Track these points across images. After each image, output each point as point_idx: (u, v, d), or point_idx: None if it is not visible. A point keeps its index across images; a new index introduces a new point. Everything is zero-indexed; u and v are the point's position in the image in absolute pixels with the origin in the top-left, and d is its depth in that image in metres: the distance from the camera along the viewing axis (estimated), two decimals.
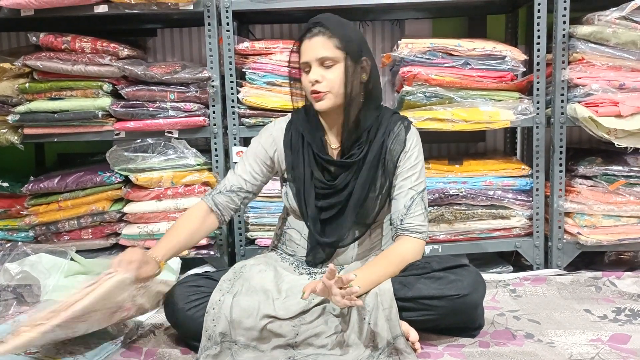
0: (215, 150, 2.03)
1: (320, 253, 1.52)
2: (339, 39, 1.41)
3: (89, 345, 1.39)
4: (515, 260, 2.12)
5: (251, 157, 1.56)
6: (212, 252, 2.06)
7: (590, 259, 2.08)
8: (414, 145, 1.49)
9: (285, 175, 1.54)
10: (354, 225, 1.49)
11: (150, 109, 1.98)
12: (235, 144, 2.02)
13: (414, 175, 1.48)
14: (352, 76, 1.42)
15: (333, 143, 1.52)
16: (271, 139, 1.56)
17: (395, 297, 1.35)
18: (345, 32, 1.42)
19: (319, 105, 1.44)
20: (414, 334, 1.35)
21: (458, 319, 1.41)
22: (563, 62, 1.94)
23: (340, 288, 1.26)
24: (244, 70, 2.02)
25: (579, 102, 1.92)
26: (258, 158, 1.55)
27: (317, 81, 1.41)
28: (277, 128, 1.57)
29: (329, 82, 1.41)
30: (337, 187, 1.48)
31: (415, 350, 1.34)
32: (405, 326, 1.36)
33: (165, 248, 1.44)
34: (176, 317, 1.41)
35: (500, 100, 1.98)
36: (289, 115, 1.59)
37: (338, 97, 1.43)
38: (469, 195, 2.00)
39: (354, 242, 1.52)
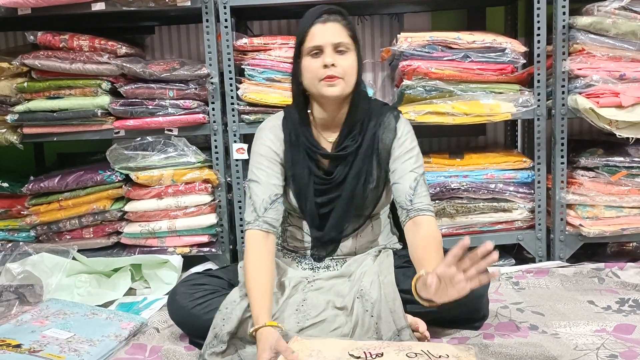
0: (216, 147, 2.03)
1: (323, 247, 1.51)
2: (351, 28, 1.41)
3: (94, 342, 1.39)
4: (517, 253, 2.12)
5: (265, 161, 1.47)
6: (213, 249, 2.06)
7: (592, 251, 2.08)
8: (405, 132, 1.47)
9: (286, 173, 1.51)
10: (352, 217, 1.48)
11: (150, 107, 1.98)
12: (235, 141, 2.01)
13: (412, 159, 1.44)
14: (359, 66, 1.43)
15: (328, 137, 1.50)
16: (272, 135, 1.50)
17: (399, 289, 1.35)
18: (352, 22, 1.43)
19: (331, 91, 1.38)
20: (422, 325, 1.34)
21: (463, 310, 1.41)
22: (563, 54, 1.94)
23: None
24: (242, 66, 2.01)
25: (580, 93, 1.91)
26: (271, 158, 1.47)
27: (333, 64, 1.36)
28: (273, 125, 1.52)
29: (343, 68, 1.38)
30: (335, 181, 1.47)
31: (426, 338, 1.34)
32: (412, 318, 1.36)
33: (268, 309, 1.29)
34: (180, 314, 1.41)
35: (501, 93, 1.97)
36: (280, 112, 1.55)
37: (348, 85, 1.40)
38: (470, 188, 2.00)
39: (355, 234, 1.51)
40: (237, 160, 2.03)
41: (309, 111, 1.50)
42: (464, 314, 1.43)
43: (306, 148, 1.47)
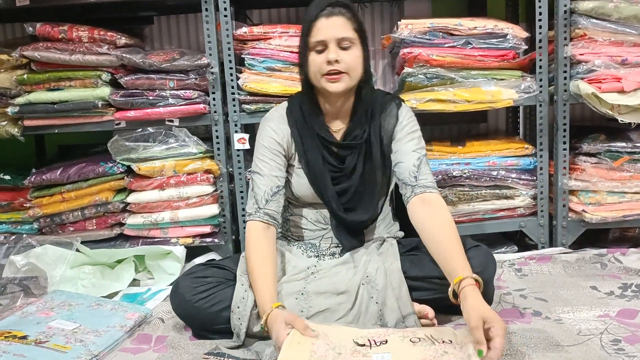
0: (217, 137, 2.02)
1: (348, 237, 1.50)
2: (356, 21, 1.41)
3: (99, 333, 1.40)
4: (520, 240, 2.13)
5: (268, 152, 1.48)
6: (216, 240, 2.06)
7: (594, 237, 2.08)
8: (407, 117, 1.50)
9: (295, 162, 1.51)
10: (369, 205, 1.49)
11: (150, 98, 1.97)
12: (236, 131, 2.01)
13: (414, 140, 1.47)
14: (366, 58, 1.43)
15: (335, 126, 1.51)
16: (275, 126, 1.50)
17: (405, 276, 1.36)
18: (357, 14, 1.42)
19: (334, 87, 1.40)
20: (431, 312, 1.35)
21: None
22: (565, 39, 1.92)
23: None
24: (242, 56, 2.00)
25: (582, 78, 1.91)
26: (274, 150, 1.48)
27: (336, 61, 1.37)
28: (277, 115, 1.53)
29: (347, 63, 1.39)
30: (346, 170, 1.48)
31: (433, 325, 1.35)
32: (420, 306, 1.36)
33: (272, 295, 1.30)
34: (183, 308, 1.41)
35: (503, 79, 1.96)
36: (284, 103, 1.57)
37: (353, 79, 1.42)
38: (472, 176, 2.00)
39: (375, 222, 1.53)
40: (238, 150, 2.02)
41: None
42: None
43: (318, 137, 1.48)
